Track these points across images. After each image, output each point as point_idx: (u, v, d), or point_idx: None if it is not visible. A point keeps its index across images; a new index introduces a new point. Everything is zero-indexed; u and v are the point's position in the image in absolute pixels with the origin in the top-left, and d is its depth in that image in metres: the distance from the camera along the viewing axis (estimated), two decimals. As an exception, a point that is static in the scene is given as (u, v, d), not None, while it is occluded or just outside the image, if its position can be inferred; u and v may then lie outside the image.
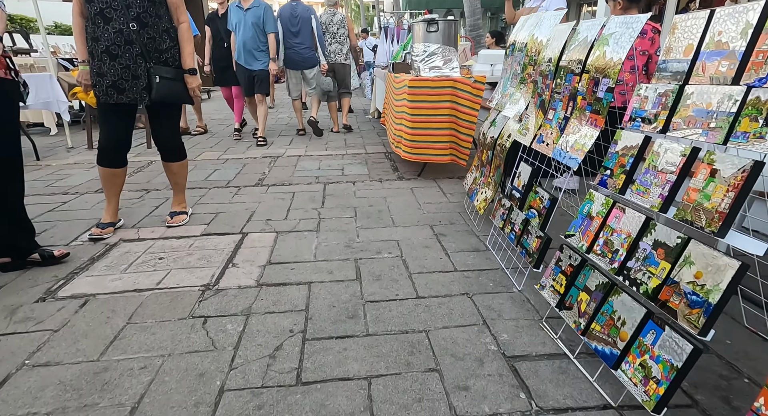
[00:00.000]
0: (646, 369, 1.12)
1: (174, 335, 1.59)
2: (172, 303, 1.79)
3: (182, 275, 2.03)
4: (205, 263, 2.17)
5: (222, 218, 2.84)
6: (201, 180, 3.80)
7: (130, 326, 1.64)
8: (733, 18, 1.10)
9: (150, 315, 1.71)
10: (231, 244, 2.41)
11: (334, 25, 5.78)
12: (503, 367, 1.39)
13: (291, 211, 2.98)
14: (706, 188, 1.08)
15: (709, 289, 1.01)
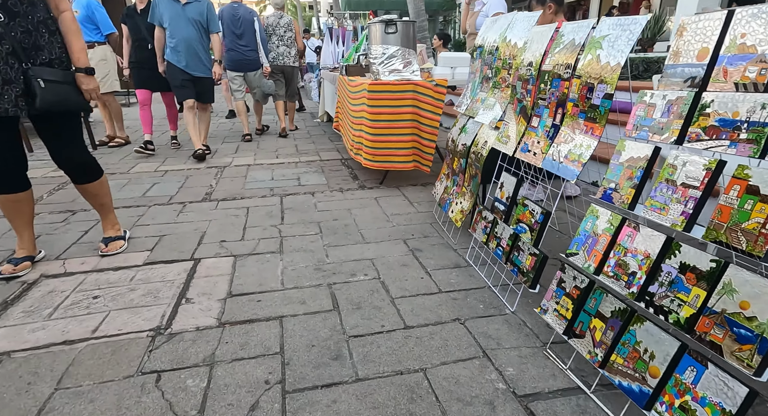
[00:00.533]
0: (689, 413, 1.00)
1: (119, 401, 1.29)
2: (115, 357, 1.48)
3: (124, 318, 1.71)
4: (151, 300, 1.85)
5: (168, 241, 2.50)
6: (138, 197, 3.40)
7: (60, 393, 1.32)
8: (760, 19, 1.01)
9: (86, 375, 1.40)
10: (182, 273, 2.10)
11: (281, 27, 5.77)
12: (518, 411, 1.23)
13: (247, 230, 2.69)
14: (744, 207, 0.97)
15: (762, 323, 0.90)
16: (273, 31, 5.69)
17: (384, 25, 3.45)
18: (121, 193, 3.47)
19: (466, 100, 2.68)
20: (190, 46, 4.28)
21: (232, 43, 5.18)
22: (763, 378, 0.89)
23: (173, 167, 4.30)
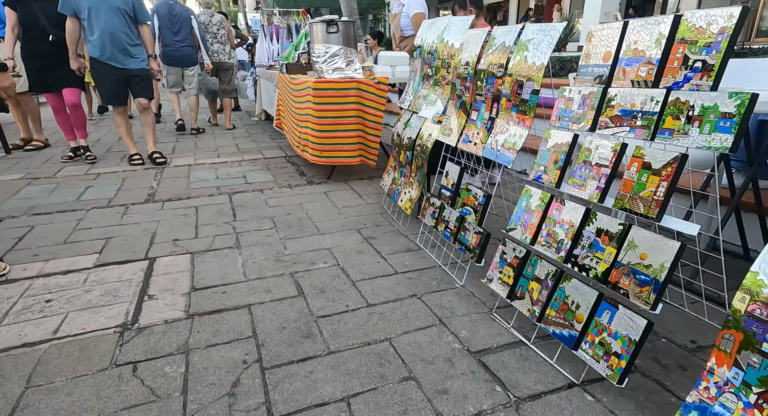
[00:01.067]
0: (606, 346, 1.24)
1: (98, 391, 1.32)
2: (84, 354, 1.49)
3: (86, 318, 1.71)
4: (111, 299, 1.85)
5: (116, 243, 2.45)
6: (72, 201, 3.25)
7: (33, 390, 1.32)
8: (646, 29, 1.27)
9: (56, 372, 1.40)
10: (138, 273, 2.10)
11: (213, 25, 5.94)
12: (473, 364, 1.42)
13: (200, 228, 2.70)
14: (640, 179, 1.22)
15: (656, 268, 1.15)
16: (206, 29, 5.83)
17: (326, 25, 3.55)
18: (52, 198, 3.30)
19: (408, 96, 2.86)
20: (115, 37, 3.74)
21: (169, 40, 5.19)
22: (657, 311, 1.13)
23: (106, 170, 4.11)
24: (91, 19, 3.66)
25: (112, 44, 3.76)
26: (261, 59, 8.32)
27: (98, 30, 3.68)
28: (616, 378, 1.20)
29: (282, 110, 5.08)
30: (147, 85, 4.07)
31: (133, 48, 3.88)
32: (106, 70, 3.84)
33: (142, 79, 4.01)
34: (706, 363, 1.01)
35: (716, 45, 1.09)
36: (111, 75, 3.85)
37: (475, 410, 1.23)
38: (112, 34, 3.74)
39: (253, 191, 3.49)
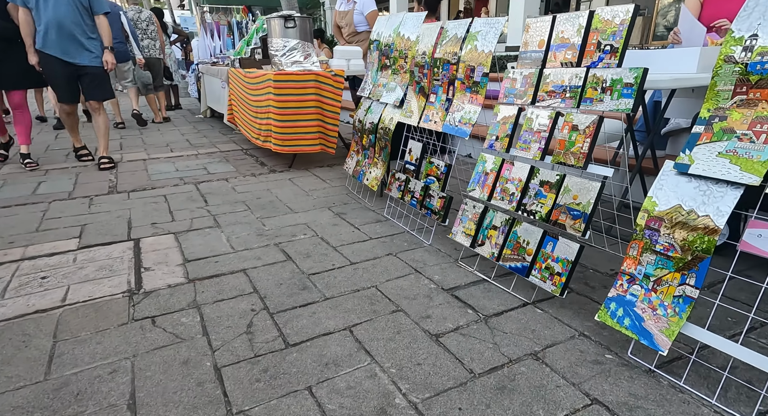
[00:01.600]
0: (550, 269, 1.59)
1: (125, 339, 1.48)
2: (99, 314, 1.63)
3: (89, 288, 1.82)
4: (108, 273, 1.97)
5: (93, 228, 2.52)
6: (28, 195, 3.21)
7: (62, 343, 1.46)
8: (570, 22, 1.63)
9: (79, 328, 1.54)
10: (126, 251, 2.21)
11: (142, 21, 6.10)
12: (447, 297, 1.73)
13: (174, 212, 2.81)
14: (570, 139, 1.58)
15: (584, 204, 1.51)
16: (136, 24, 5.97)
17: (283, 20, 3.73)
18: (4, 193, 3.23)
19: (368, 86, 3.13)
20: (63, 28, 3.45)
21: None
22: (586, 236, 1.49)
23: (54, 166, 4.02)
24: (38, 8, 3.41)
25: (60, 36, 3.45)
26: (203, 56, 8.27)
27: (45, 19, 3.41)
28: (558, 291, 1.55)
29: (235, 105, 5.16)
30: (100, 85, 3.76)
31: (87, 41, 3.57)
32: (54, 64, 3.54)
33: (94, 78, 3.69)
34: (620, 268, 1.38)
35: (619, 33, 1.46)
36: (59, 69, 3.56)
37: (454, 326, 1.53)
38: (60, 25, 3.44)
39: (218, 181, 3.60)
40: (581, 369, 1.30)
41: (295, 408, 1.18)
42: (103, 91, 3.82)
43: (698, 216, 1.19)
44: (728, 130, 1.18)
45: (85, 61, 3.63)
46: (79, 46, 3.55)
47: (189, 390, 1.24)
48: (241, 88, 4.71)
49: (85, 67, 3.62)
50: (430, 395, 1.22)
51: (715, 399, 1.16)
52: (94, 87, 3.74)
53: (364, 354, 1.39)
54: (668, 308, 1.24)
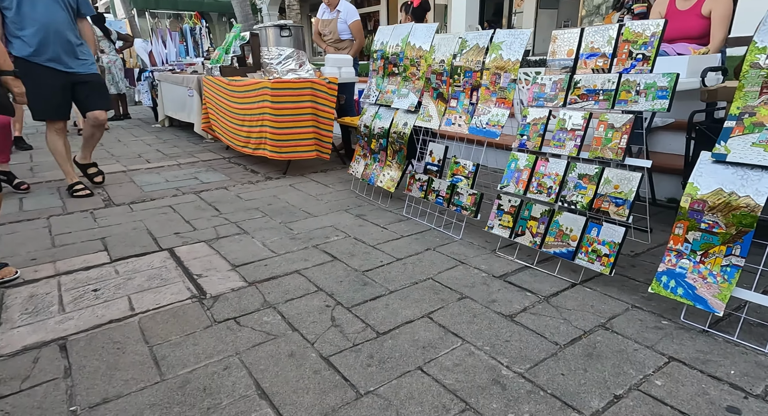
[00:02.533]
0: (597, 252, 1.79)
1: (219, 339, 1.50)
2: (179, 319, 1.63)
3: (152, 297, 1.81)
4: (161, 282, 1.95)
5: (115, 241, 2.46)
6: (16, 211, 3.05)
7: (158, 346, 1.46)
8: (599, 33, 1.86)
9: (165, 333, 1.54)
10: (166, 261, 2.19)
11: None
12: (502, 283, 1.88)
13: (192, 222, 2.78)
14: (607, 136, 1.80)
15: (626, 192, 1.73)
16: None
17: (279, 29, 3.78)
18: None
19: (373, 92, 3.26)
20: (59, 33, 3.01)
21: None
22: (629, 220, 1.71)
23: (32, 180, 3.81)
24: (22, 10, 2.90)
25: (57, 43, 3.02)
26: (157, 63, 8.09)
27: (36, 23, 2.94)
28: (608, 270, 1.75)
29: (213, 114, 5.09)
30: (103, 94, 3.41)
31: (79, 48, 3.19)
32: (45, 75, 3.04)
33: (95, 87, 3.30)
34: (668, 245, 1.60)
35: (651, 43, 1.70)
36: (51, 80, 3.07)
37: (521, 307, 1.69)
38: (56, 29, 3.00)
39: (217, 189, 3.57)
40: (647, 334, 1.50)
41: (417, 385, 1.28)
42: (107, 100, 3.47)
43: (739, 197, 1.43)
44: (758, 124, 1.43)
45: (81, 69, 3.22)
46: (73, 54, 3.15)
47: (310, 378, 1.31)
48: (222, 96, 4.67)
49: (82, 75, 3.21)
50: (530, 365, 1.36)
51: (767, 349, 1.40)
52: (98, 97, 3.33)
53: (453, 337, 1.51)
54: (717, 276, 1.47)
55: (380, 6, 16.98)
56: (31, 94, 2.97)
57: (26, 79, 2.91)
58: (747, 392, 1.24)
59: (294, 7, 9.07)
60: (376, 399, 1.23)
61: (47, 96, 3.10)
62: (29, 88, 2.94)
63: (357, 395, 1.25)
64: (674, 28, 2.74)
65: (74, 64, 3.18)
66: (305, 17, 18.85)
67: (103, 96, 3.37)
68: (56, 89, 3.12)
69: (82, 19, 3.30)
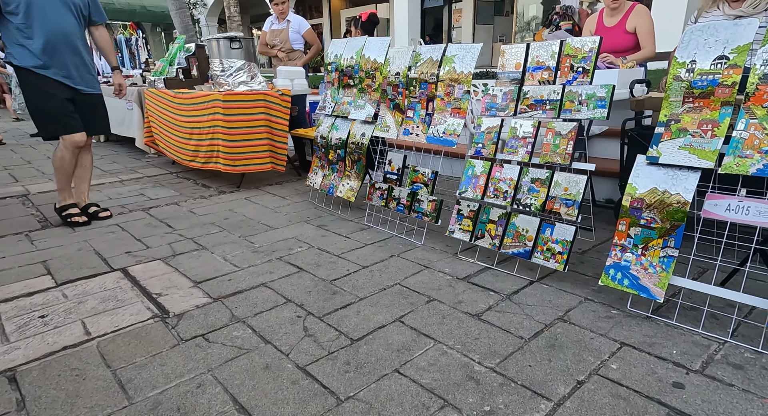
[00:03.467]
0: (552, 250, 1.92)
1: (188, 357, 1.46)
2: (142, 340, 1.57)
3: (109, 320, 1.72)
4: (118, 303, 1.86)
5: (59, 264, 2.31)
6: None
7: (122, 370, 1.39)
8: (544, 48, 2.01)
9: (130, 355, 1.47)
10: (120, 281, 2.08)
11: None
12: (466, 284, 1.97)
13: (144, 239, 2.67)
14: (555, 142, 1.95)
15: (575, 194, 1.87)
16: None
17: (229, 41, 3.74)
18: None
19: (328, 104, 3.29)
20: (71, 43, 2.64)
21: None
22: (578, 219, 1.85)
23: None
24: (31, 14, 2.51)
25: (67, 54, 2.64)
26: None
27: (45, 30, 2.54)
28: (561, 267, 1.88)
29: (156, 127, 4.91)
30: (104, 117, 2.97)
31: (88, 61, 2.79)
32: (54, 87, 2.64)
33: (97, 107, 2.90)
34: (613, 241, 1.75)
35: (589, 57, 1.86)
36: (58, 92, 2.66)
37: (486, 306, 1.77)
38: (68, 40, 2.62)
39: (167, 205, 3.44)
40: (601, 323, 1.63)
41: (395, 387, 1.31)
42: (107, 125, 3.04)
43: (671, 194, 1.60)
44: (683, 129, 1.61)
45: (90, 87, 2.81)
46: (83, 66, 2.74)
47: (288, 389, 1.30)
48: (166, 109, 4.52)
49: (87, 95, 2.79)
50: (500, 360, 1.44)
51: (701, 329, 1.56)
52: (96, 120, 2.91)
53: (426, 338, 1.56)
54: (657, 266, 1.63)
55: (323, 18, 17.13)
56: (40, 110, 2.68)
57: (32, 92, 2.65)
58: (688, 368, 1.38)
59: (235, 18, 8.95)
60: (357, 404, 1.25)
61: (59, 108, 2.68)
62: (36, 102, 2.67)
63: (338, 401, 1.26)
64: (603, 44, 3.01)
65: (82, 80, 2.75)
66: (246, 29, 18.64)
67: (103, 120, 2.97)
68: (66, 102, 2.71)
69: (97, 27, 2.90)
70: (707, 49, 1.57)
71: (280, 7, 4.60)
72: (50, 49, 2.58)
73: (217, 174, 3.97)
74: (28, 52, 2.56)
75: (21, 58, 2.57)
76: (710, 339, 1.52)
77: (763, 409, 1.20)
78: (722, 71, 1.53)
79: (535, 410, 1.22)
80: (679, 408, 1.21)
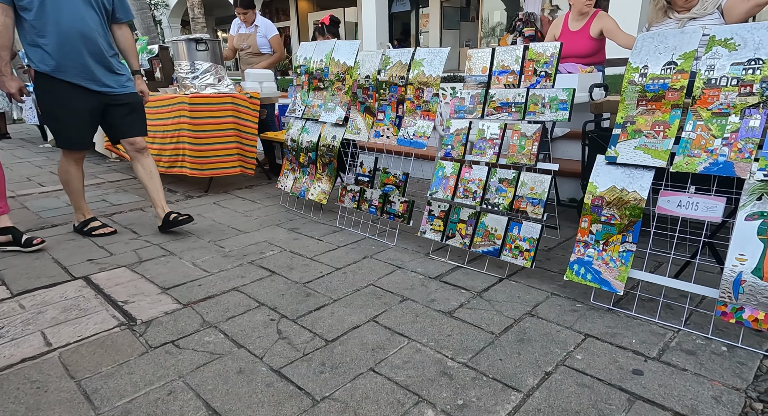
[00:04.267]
0: (519, 248, 1.98)
1: (158, 364, 1.43)
2: (107, 349, 1.52)
3: (71, 330, 1.66)
4: (80, 312, 1.80)
5: (15, 274, 2.21)
6: None
7: (87, 380, 1.35)
8: (508, 53, 2.08)
9: (95, 365, 1.43)
10: (83, 289, 2.01)
11: None
12: (438, 283, 2.00)
13: (107, 246, 2.59)
14: (521, 143, 2.02)
15: (540, 193, 1.94)
16: None
17: (194, 43, 3.67)
18: None
19: (298, 107, 3.29)
20: (89, 41, 2.34)
21: None
22: (544, 218, 1.93)
23: None
24: (45, 10, 2.22)
25: (86, 53, 2.34)
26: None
27: (59, 27, 2.24)
28: (529, 263, 1.94)
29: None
30: (141, 117, 2.71)
31: (113, 59, 2.49)
32: (72, 96, 2.38)
33: (133, 109, 2.62)
34: (576, 237, 1.82)
35: (551, 62, 1.94)
36: (78, 101, 2.40)
37: (458, 304, 1.81)
38: (85, 37, 2.32)
39: (131, 211, 3.35)
40: (566, 316, 1.70)
41: (371, 385, 1.32)
42: (145, 124, 2.75)
43: (629, 192, 1.69)
44: (638, 130, 1.71)
45: (117, 88, 2.52)
46: (106, 65, 2.45)
47: (263, 392, 1.29)
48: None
49: (118, 96, 2.53)
50: (472, 355, 1.47)
51: (657, 319, 1.65)
52: (132, 121, 2.63)
53: (400, 337, 1.59)
54: (617, 261, 1.71)
55: (290, 22, 17.02)
56: (55, 117, 2.46)
57: (48, 98, 2.40)
58: (646, 356, 1.46)
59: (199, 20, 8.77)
60: (333, 404, 1.26)
61: (73, 122, 2.45)
62: (53, 109, 2.43)
63: (313, 402, 1.26)
64: (566, 48, 3.13)
65: (109, 80, 2.47)
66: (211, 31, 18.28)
67: (140, 119, 2.70)
68: (84, 114, 2.45)
69: (120, 25, 2.58)
70: (658, 55, 1.67)
71: (244, 17, 4.58)
72: (66, 48, 2.28)
73: (183, 178, 3.88)
74: (43, 53, 2.27)
75: (37, 60, 2.30)
76: (666, 327, 1.61)
77: (713, 391, 1.29)
78: (671, 76, 1.63)
79: (506, 401, 1.26)
80: (639, 393, 1.28)
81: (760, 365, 1.39)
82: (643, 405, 1.24)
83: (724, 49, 1.55)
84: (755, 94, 1.49)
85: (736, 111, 1.52)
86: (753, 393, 1.28)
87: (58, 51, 2.28)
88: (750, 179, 1.47)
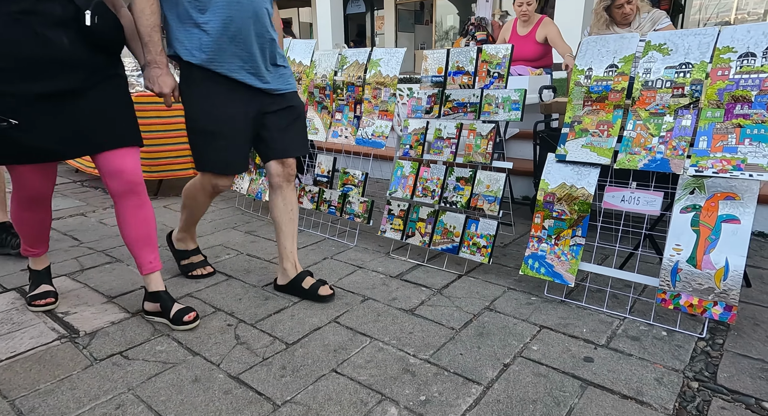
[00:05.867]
0: (477, 244, 2.03)
1: (104, 377, 1.34)
2: (46, 365, 1.41)
3: (3, 345, 1.53)
4: (14, 326, 1.66)
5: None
6: None
7: (23, 399, 1.24)
8: (463, 54, 2.13)
9: (32, 382, 1.32)
10: (15, 302, 1.87)
11: None
12: (399, 282, 2.01)
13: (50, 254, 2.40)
14: (476, 143, 2.07)
15: (495, 190, 2.00)
16: None
17: (140, 37, 3.49)
18: None
19: (253, 106, 3.21)
20: (262, 26, 1.62)
21: None
22: (500, 215, 1.98)
23: None
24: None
25: (258, 39, 1.61)
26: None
27: (226, 9, 1.53)
28: (486, 260, 1.99)
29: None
30: (304, 128, 1.90)
31: (277, 49, 1.72)
32: (229, 96, 1.63)
33: (298, 116, 1.83)
34: (530, 233, 1.89)
35: (503, 63, 2.00)
36: (238, 105, 1.66)
37: (419, 301, 1.83)
38: (257, 14, 1.60)
39: (71, 217, 3.15)
40: (522, 309, 1.75)
41: (333, 387, 1.31)
42: (307, 138, 1.97)
43: (577, 188, 1.77)
44: (584, 130, 1.79)
45: (281, 84, 1.75)
46: (271, 56, 1.69)
47: (220, 399, 1.25)
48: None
49: (284, 95, 1.76)
50: (433, 351, 1.49)
51: (605, 308, 1.74)
52: (300, 131, 1.86)
53: (362, 336, 1.58)
54: (567, 254, 1.79)
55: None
56: (202, 129, 1.66)
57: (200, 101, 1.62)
58: (596, 344, 1.53)
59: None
60: (295, 407, 1.23)
61: (231, 133, 1.67)
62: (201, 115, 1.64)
63: (274, 406, 1.23)
64: (515, 51, 3.24)
65: (271, 77, 1.70)
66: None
67: (302, 135, 1.88)
68: (242, 122, 1.68)
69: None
70: (601, 59, 1.76)
71: None
72: (232, 29, 1.56)
73: (131, 181, 3.67)
74: (201, 35, 1.54)
75: (192, 46, 1.55)
76: (613, 316, 1.69)
77: (655, 373, 1.37)
78: (613, 78, 1.73)
79: (467, 395, 1.28)
80: (590, 380, 1.34)
81: (695, 347, 1.49)
82: (594, 390, 1.29)
83: (659, 54, 1.65)
84: (686, 95, 1.60)
85: (670, 111, 1.63)
86: (690, 373, 1.37)
87: (223, 33, 1.55)
88: (684, 174, 1.58)
